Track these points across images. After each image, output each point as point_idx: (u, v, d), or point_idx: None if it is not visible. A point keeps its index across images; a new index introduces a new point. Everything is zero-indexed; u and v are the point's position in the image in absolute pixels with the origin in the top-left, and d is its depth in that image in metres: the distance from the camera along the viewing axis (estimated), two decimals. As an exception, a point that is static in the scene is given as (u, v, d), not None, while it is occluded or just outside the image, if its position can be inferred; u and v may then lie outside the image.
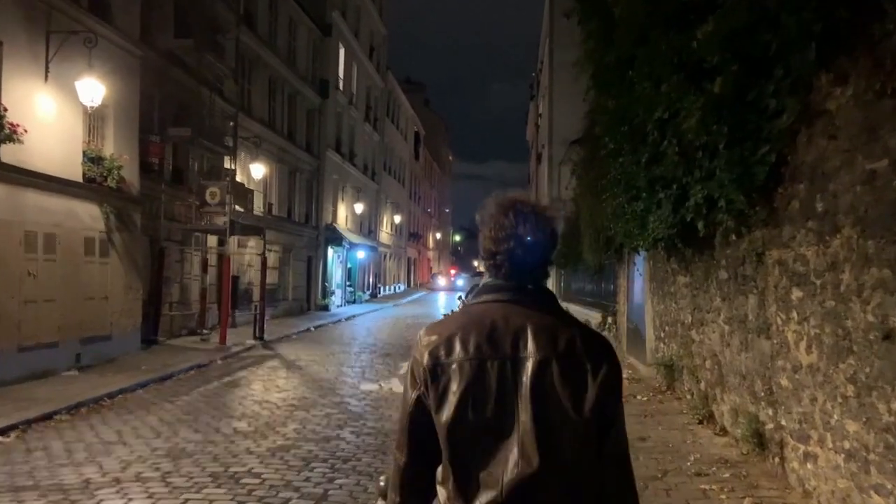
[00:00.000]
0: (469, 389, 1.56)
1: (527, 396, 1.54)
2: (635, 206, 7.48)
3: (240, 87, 21.18)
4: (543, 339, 1.59)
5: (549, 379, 1.55)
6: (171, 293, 17.19)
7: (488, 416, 1.55)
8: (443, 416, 1.57)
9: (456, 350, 1.60)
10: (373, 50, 38.77)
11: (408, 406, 1.67)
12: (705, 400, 7.49)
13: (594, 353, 1.61)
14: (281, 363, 13.93)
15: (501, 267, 1.68)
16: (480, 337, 1.60)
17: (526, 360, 1.57)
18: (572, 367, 1.57)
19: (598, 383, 1.57)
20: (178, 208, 17.05)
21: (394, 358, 14.70)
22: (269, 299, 23.86)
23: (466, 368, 1.58)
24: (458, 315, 1.74)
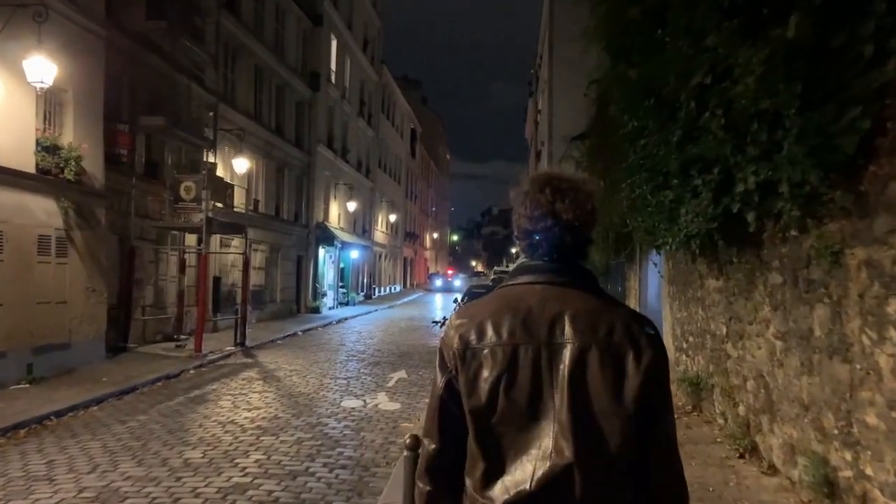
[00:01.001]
0: (501, 376, 1.49)
1: (563, 385, 1.46)
2: (662, 195, 6.25)
3: (222, 77, 19.92)
4: (582, 323, 1.50)
5: (588, 366, 1.46)
6: (145, 296, 15.93)
7: (521, 404, 1.48)
8: (472, 403, 1.51)
9: (488, 334, 1.53)
10: (367, 43, 37.50)
11: (437, 390, 1.60)
12: (746, 428, 6.26)
13: (637, 337, 1.50)
14: (259, 373, 12.68)
15: (538, 247, 1.60)
16: (514, 321, 1.52)
17: (563, 346, 1.48)
18: (613, 354, 1.48)
19: (642, 371, 1.47)
20: (152, 204, 15.79)
21: (383, 367, 13.45)
22: (255, 301, 22.64)
23: (499, 354, 1.50)
24: (492, 298, 1.63)
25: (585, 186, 1.62)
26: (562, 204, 1.56)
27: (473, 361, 1.53)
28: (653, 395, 1.48)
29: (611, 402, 1.45)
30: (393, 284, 49.29)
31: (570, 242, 1.58)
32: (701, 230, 5.57)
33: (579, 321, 1.50)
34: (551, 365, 1.48)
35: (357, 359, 14.65)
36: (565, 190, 1.58)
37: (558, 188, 1.58)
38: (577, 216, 1.57)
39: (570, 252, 1.60)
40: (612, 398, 1.45)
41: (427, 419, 1.65)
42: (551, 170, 1.71)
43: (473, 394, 1.51)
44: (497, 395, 1.48)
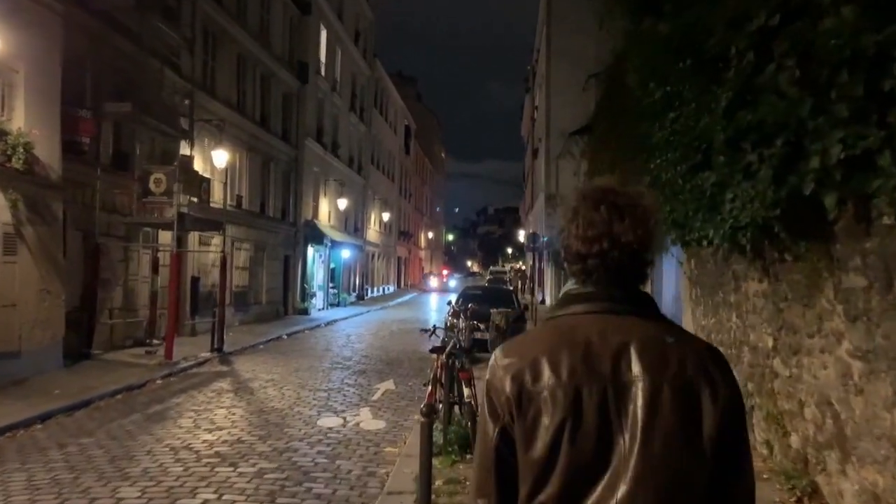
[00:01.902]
0: (564, 422, 1.31)
1: (635, 429, 1.29)
2: (699, 178, 5.08)
3: (200, 63, 18.68)
4: (650, 357, 1.34)
5: (662, 407, 1.30)
6: (112, 298, 14.70)
7: (588, 452, 1.31)
8: (534, 454, 1.33)
9: (545, 375, 1.36)
10: (358, 35, 36.27)
11: (489, 441, 1.41)
12: (803, 464, 5.09)
13: (711, 372, 1.35)
14: (231, 384, 11.47)
15: (593, 272, 1.43)
16: (573, 358, 1.36)
17: (631, 384, 1.32)
18: (688, 391, 1.32)
19: (721, 408, 1.32)
20: (120, 198, 14.56)
21: (369, 377, 12.25)
22: (238, 303, 21.45)
23: (559, 397, 1.33)
24: (542, 331, 1.48)
25: (645, 202, 1.44)
26: (620, 223, 1.39)
27: (531, 407, 1.35)
28: (731, 437, 1.32)
29: (688, 447, 1.29)
30: (386, 285, 48.06)
31: (630, 266, 1.41)
32: (755, 219, 4.40)
33: (647, 355, 1.33)
34: (619, 407, 1.32)
35: (342, 367, 13.45)
36: (623, 206, 1.41)
37: (615, 204, 1.41)
38: (639, 237, 1.40)
39: (628, 276, 1.43)
40: (690, 443, 1.30)
41: (478, 475, 1.44)
42: (605, 183, 1.50)
43: (534, 443, 1.33)
44: (561, 443, 1.31)
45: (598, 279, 1.42)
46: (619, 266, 1.40)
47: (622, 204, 1.42)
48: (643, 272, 1.45)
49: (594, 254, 1.41)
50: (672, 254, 8.98)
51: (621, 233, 1.39)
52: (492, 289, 23.21)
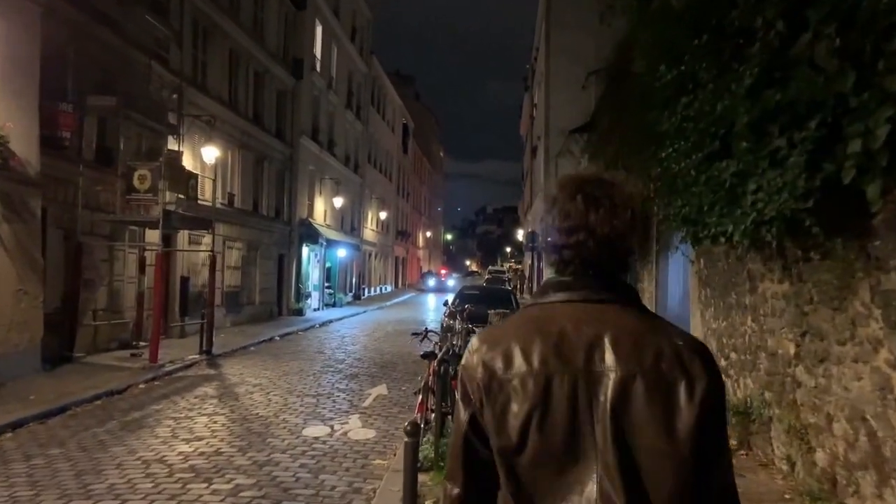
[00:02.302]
0: (533, 411, 1.28)
1: (606, 421, 1.25)
2: (716, 168, 4.58)
3: (190, 58, 18.17)
4: (625, 348, 1.29)
5: (634, 399, 1.26)
6: (96, 299, 14.18)
7: (557, 442, 1.27)
8: (501, 441, 1.31)
9: (516, 362, 1.33)
10: (355, 32, 35.75)
11: (460, 426, 1.39)
12: (831, 485, 4.60)
13: (689, 363, 1.28)
14: (217, 389, 10.97)
15: (570, 262, 1.39)
16: (546, 346, 1.32)
17: (603, 375, 1.28)
18: (662, 384, 1.26)
19: (697, 403, 1.25)
20: (105, 195, 14.03)
21: (361, 381, 11.75)
22: (231, 304, 20.95)
23: (529, 385, 1.30)
24: (518, 319, 1.43)
25: (623, 190, 1.38)
26: (595, 215, 1.35)
27: (500, 394, 1.32)
28: (709, 431, 1.26)
29: (662, 440, 1.24)
30: (384, 284, 47.56)
31: (608, 256, 1.37)
32: (782, 213, 3.90)
33: (622, 346, 1.30)
34: (590, 397, 1.28)
35: (333, 370, 12.94)
36: (599, 198, 1.37)
37: (591, 196, 1.37)
38: (615, 228, 1.35)
39: (607, 266, 1.38)
40: (664, 436, 1.24)
41: (449, 459, 1.43)
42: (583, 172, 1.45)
43: (502, 431, 1.30)
44: (529, 432, 1.28)
45: (574, 269, 1.39)
46: (597, 257, 1.36)
47: (599, 194, 1.37)
48: (624, 262, 1.40)
49: (570, 245, 1.38)
50: (681, 252, 8.50)
51: (597, 224, 1.35)
52: (490, 289, 22.73)
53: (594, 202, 1.37)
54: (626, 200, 1.38)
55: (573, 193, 1.39)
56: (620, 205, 1.37)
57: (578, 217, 1.37)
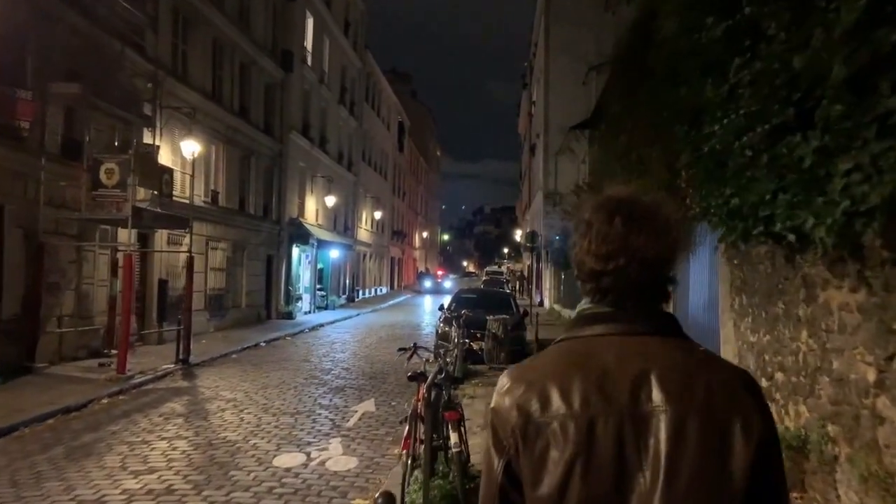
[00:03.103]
0: (575, 458, 1.16)
1: (657, 466, 1.13)
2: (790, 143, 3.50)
3: (170, 46, 17.06)
4: (674, 385, 1.18)
5: (687, 441, 1.14)
6: (62, 304, 13.09)
7: (602, 492, 1.15)
8: (540, 491, 1.18)
9: (554, 403, 1.20)
10: (348, 25, 34.65)
11: (494, 477, 1.25)
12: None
13: (743, 401, 1.18)
14: (186, 405, 9.88)
15: (609, 291, 1.28)
16: (587, 385, 1.20)
17: (652, 415, 1.16)
18: (717, 422, 1.16)
19: (754, 444, 1.15)
20: (71, 192, 12.93)
21: (347, 395, 10.66)
22: (214, 307, 19.86)
23: (571, 429, 1.17)
24: (553, 354, 1.31)
25: (665, 210, 1.28)
26: (638, 237, 1.24)
27: (539, 440, 1.19)
28: (766, 474, 1.16)
29: (717, 487, 1.13)
30: (379, 286, 46.44)
31: (650, 284, 1.26)
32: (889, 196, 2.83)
33: (670, 382, 1.18)
34: (639, 441, 1.15)
35: (318, 382, 11.85)
36: (641, 218, 1.25)
37: (631, 216, 1.25)
38: (659, 251, 1.24)
39: (648, 295, 1.27)
40: (719, 483, 1.13)
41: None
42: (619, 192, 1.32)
43: (541, 481, 1.18)
44: (572, 481, 1.15)
45: (614, 298, 1.27)
46: (638, 284, 1.24)
47: (639, 215, 1.26)
48: (664, 290, 1.30)
49: (610, 271, 1.25)
50: (707, 253, 7.44)
51: (639, 248, 1.23)
52: (488, 292, 21.64)
53: (635, 224, 1.24)
54: (668, 222, 1.27)
55: (611, 215, 1.26)
56: (663, 227, 1.25)
57: (618, 241, 1.24)
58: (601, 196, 1.33)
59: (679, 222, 1.30)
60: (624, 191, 1.33)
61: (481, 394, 10.12)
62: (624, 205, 1.28)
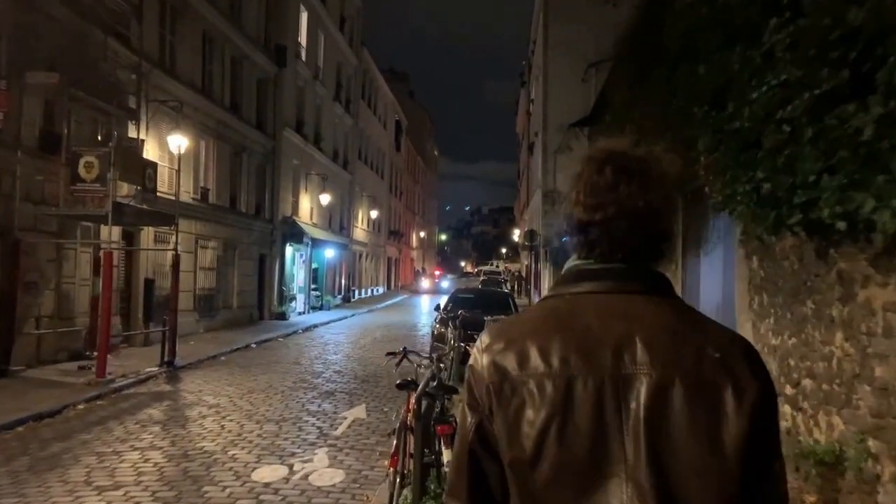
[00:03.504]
0: (551, 418, 1.09)
1: (638, 430, 1.07)
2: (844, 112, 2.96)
3: (157, 37, 16.50)
4: (661, 346, 1.11)
5: (672, 405, 1.07)
6: (41, 304, 12.52)
7: (579, 456, 1.08)
8: (514, 453, 1.12)
9: (532, 361, 1.14)
10: (344, 21, 34.08)
11: (466, 435, 1.20)
12: None
13: (735, 365, 1.10)
14: (166, 411, 9.32)
15: (596, 244, 1.21)
16: (567, 343, 1.13)
17: (635, 377, 1.09)
18: (706, 389, 1.08)
19: (746, 411, 1.07)
20: (50, 187, 12.37)
21: (337, 400, 10.11)
22: (204, 308, 19.30)
23: (548, 388, 1.11)
24: (534, 312, 1.26)
25: (660, 164, 1.21)
26: (628, 187, 1.17)
27: (514, 397, 1.13)
28: (759, 443, 1.08)
29: (705, 454, 1.05)
30: (375, 286, 45.87)
31: (641, 238, 1.18)
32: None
33: (656, 344, 1.11)
34: (619, 404, 1.08)
35: (307, 386, 11.29)
36: (633, 169, 1.18)
37: (624, 167, 1.19)
38: (650, 203, 1.17)
39: (639, 251, 1.19)
40: (707, 449, 1.06)
41: (452, 474, 1.23)
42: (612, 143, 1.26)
43: (515, 442, 1.11)
44: (546, 443, 1.09)
45: (601, 253, 1.20)
46: (627, 237, 1.17)
47: (632, 167, 1.18)
48: (657, 247, 1.20)
49: (597, 222, 1.18)
50: (719, 247, 6.91)
51: (629, 198, 1.16)
52: (486, 292, 21.08)
53: (626, 173, 1.17)
54: (662, 174, 1.20)
55: (601, 164, 1.20)
56: (656, 178, 1.18)
57: (607, 190, 1.18)
58: (595, 147, 1.26)
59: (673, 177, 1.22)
60: (618, 142, 1.25)
61: (479, 399, 9.58)
62: (616, 155, 1.21)
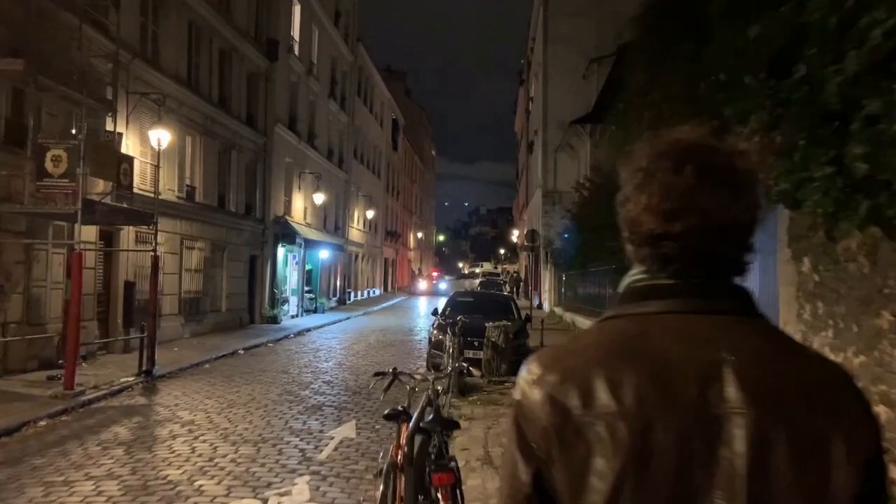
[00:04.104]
0: (627, 469, 0.91)
1: (734, 486, 0.89)
2: None
3: (138, 26, 15.60)
4: (756, 379, 0.93)
5: (775, 454, 0.89)
6: (7, 309, 11.62)
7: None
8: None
9: (600, 398, 0.95)
10: (339, 15, 33.18)
11: (521, 490, 0.99)
12: None
13: (844, 405, 0.94)
14: (134, 430, 8.41)
15: (672, 260, 1.01)
16: (642, 376, 0.94)
17: (727, 419, 0.91)
18: (812, 433, 0.91)
19: (860, 460, 0.91)
20: (17, 182, 11.46)
21: (324, 416, 9.19)
22: (191, 312, 18.38)
23: (621, 432, 0.92)
24: (597, 335, 1.04)
25: (746, 161, 1.01)
26: (714, 193, 0.98)
27: (579, 443, 0.93)
28: (871, 495, 0.92)
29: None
30: (371, 288, 44.94)
31: (727, 252, 1.00)
32: None
33: (750, 377, 0.92)
34: (711, 450, 0.90)
35: (293, 398, 10.38)
36: (720, 170, 0.99)
37: (709, 167, 0.99)
38: (740, 212, 0.99)
39: (722, 266, 1.01)
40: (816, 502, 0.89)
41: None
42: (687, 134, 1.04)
43: (582, 496, 0.93)
44: (621, 499, 0.90)
45: (677, 268, 1.00)
46: (711, 252, 0.98)
47: (719, 165, 0.99)
48: (742, 262, 1.02)
49: (675, 234, 0.98)
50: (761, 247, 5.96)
51: (716, 206, 0.98)
52: (486, 295, 20.16)
53: (711, 175, 0.98)
54: (750, 177, 1.00)
55: (680, 162, 0.99)
56: (745, 180, 1.00)
57: (688, 195, 0.98)
58: (664, 140, 1.04)
59: (760, 179, 1.03)
60: (693, 133, 1.03)
61: (480, 414, 8.69)
62: (696, 152, 1.01)
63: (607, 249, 16.12)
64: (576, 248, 21.64)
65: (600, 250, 17.28)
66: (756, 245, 1.03)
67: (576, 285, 23.47)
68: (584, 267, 20.48)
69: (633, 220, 1.05)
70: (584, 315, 20.01)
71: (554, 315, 26.14)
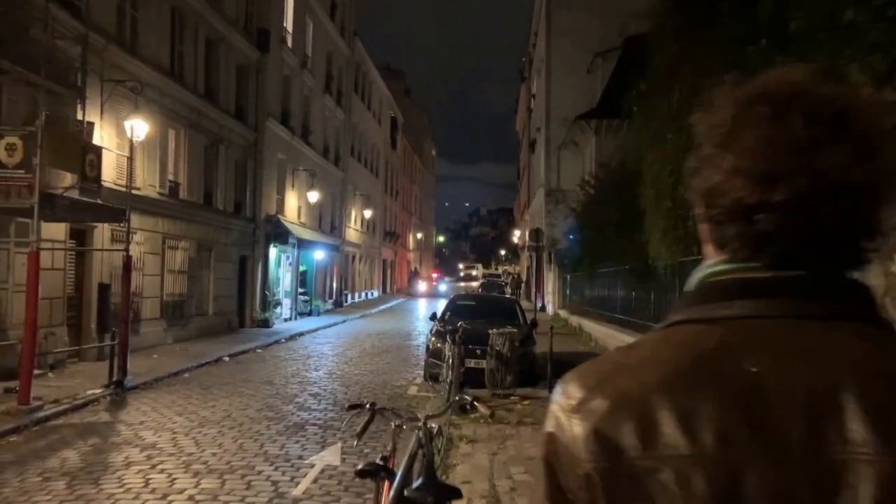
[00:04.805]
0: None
1: None
2: None
3: (115, 10, 14.53)
4: (891, 414, 0.67)
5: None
6: (-39, 314, 10.54)
7: None
8: None
9: (666, 435, 0.69)
10: (335, 7, 32.12)
11: None
12: None
13: None
14: (85, 455, 7.31)
15: (769, 240, 0.73)
16: (725, 405, 0.69)
17: (850, 466, 0.66)
18: None
19: None
20: (-29, 176, 10.38)
21: (307, 437, 8.08)
22: (174, 315, 17.30)
23: (698, 483, 0.67)
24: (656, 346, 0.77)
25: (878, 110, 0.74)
26: (832, 147, 0.70)
27: (636, 496, 0.68)
28: None
29: None
30: (370, 290, 43.85)
31: (844, 232, 0.72)
32: None
33: (883, 409, 0.67)
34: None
35: (273, 415, 9.28)
36: (839, 119, 0.71)
37: (823, 114, 0.71)
38: (865, 177, 0.71)
39: (838, 252, 0.73)
40: None
41: None
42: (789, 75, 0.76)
43: None
44: None
45: (776, 253, 0.72)
46: (824, 230, 0.71)
47: (837, 112, 0.71)
48: (864, 247, 0.73)
49: (776, 204, 0.71)
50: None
51: (833, 166, 0.69)
52: (489, 298, 19.08)
53: (827, 125, 0.70)
54: (878, 129, 0.71)
55: (782, 108, 0.71)
56: (873, 136, 0.70)
57: (796, 151, 0.69)
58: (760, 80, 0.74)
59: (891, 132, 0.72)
60: (798, 74, 0.75)
61: (483, 435, 7.61)
62: (805, 96, 0.72)
63: (617, 248, 15.05)
64: (582, 249, 20.62)
65: (609, 250, 16.22)
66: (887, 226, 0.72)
67: (583, 287, 22.39)
68: (591, 268, 19.42)
69: (712, 190, 0.76)
70: (592, 319, 18.92)
71: (559, 318, 25.06)
